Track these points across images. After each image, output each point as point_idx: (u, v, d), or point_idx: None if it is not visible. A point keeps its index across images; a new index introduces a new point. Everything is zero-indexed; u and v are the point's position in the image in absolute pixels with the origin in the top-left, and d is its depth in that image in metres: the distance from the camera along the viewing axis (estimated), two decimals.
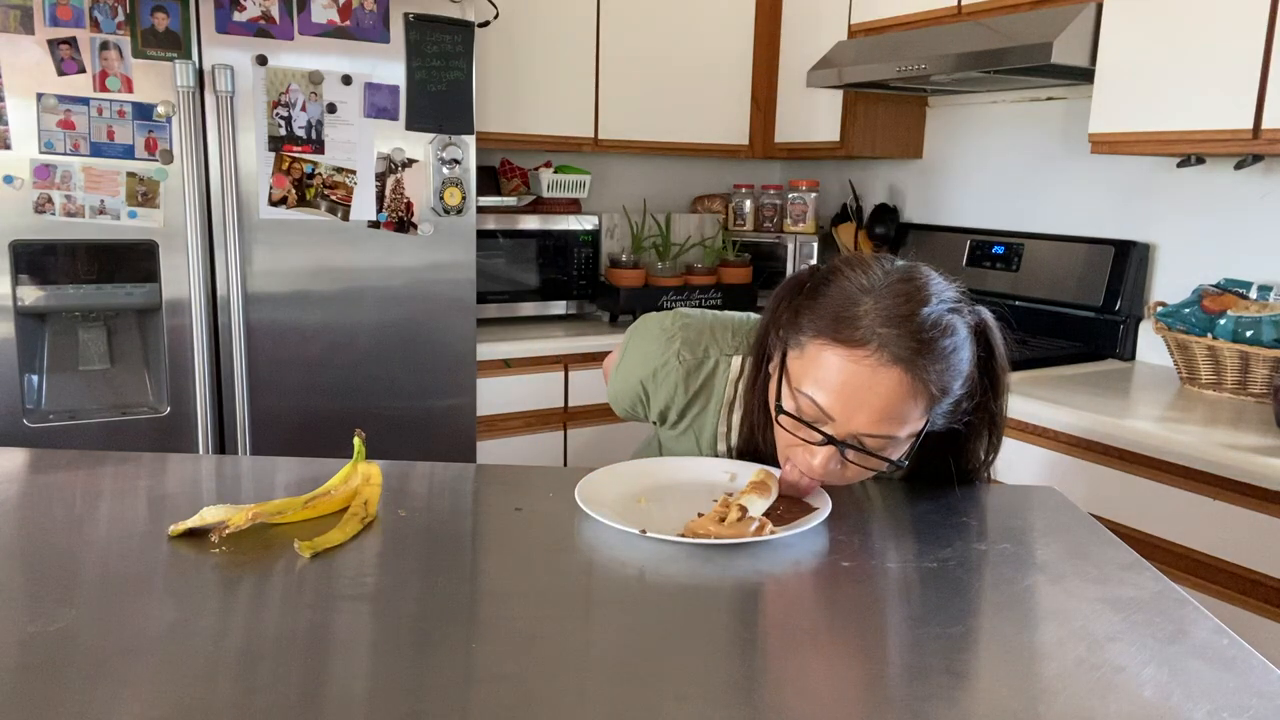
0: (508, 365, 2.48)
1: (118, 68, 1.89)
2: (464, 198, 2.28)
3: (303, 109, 2.06)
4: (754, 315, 1.30)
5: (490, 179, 2.93)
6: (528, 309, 2.81)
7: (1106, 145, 2.06)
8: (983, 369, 1.10)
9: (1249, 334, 1.90)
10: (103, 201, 1.92)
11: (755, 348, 1.17)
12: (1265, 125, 1.76)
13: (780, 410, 1.06)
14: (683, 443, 1.32)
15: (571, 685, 0.73)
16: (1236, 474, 1.56)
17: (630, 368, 1.29)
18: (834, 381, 1.00)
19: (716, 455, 1.28)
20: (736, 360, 1.24)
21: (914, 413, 1.01)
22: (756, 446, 1.21)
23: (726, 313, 1.32)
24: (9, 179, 1.85)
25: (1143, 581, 0.94)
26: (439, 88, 2.20)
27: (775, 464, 1.16)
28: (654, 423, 1.33)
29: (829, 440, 1.02)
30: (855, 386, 0.99)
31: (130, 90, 1.91)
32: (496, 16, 2.54)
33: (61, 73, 1.85)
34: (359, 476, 1.09)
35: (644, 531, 1.00)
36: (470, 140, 2.26)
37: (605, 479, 1.15)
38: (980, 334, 1.10)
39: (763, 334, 1.15)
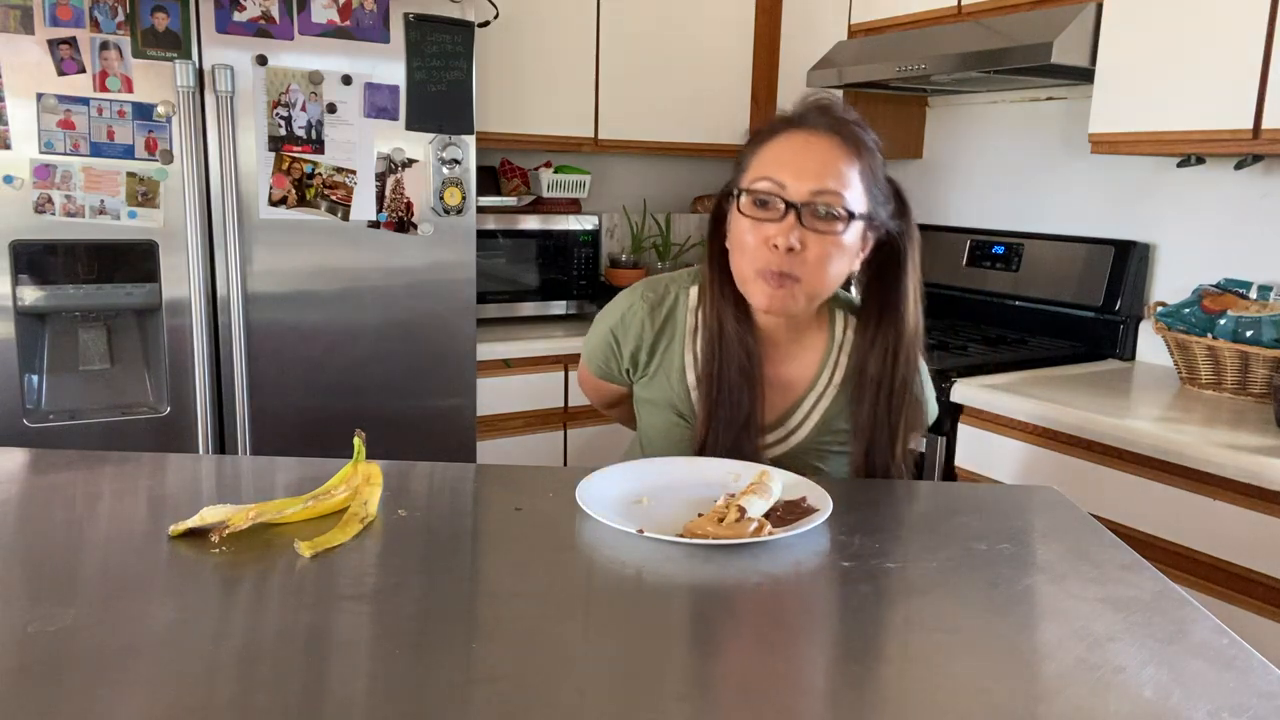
0: (508, 365, 2.48)
1: (118, 68, 1.89)
2: (464, 198, 2.28)
3: (303, 109, 2.06)
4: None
5: (490, 179, 2.93)
6: (528, 309, 2.81)
7: (1106, 145, 2.06)
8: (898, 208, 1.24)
9: (1249, 334, 1.90)
10: (103, 201, 1.92)
11: (711, 224, 1.27)
12: (1265, 125, 1.76)
13: (741, 202, 1.16)
14: (655, 388, 1.34)
15: (571, 685, 0.73)
16: (1236, 474, 1.56)
17: (600, 323, 1.37)
18: (779, 156, 1.15)
19: (687, 390, 1.31)
20: (694, 290, 1.31)
21: (852, 177, 1.16)
22: (718, 370, 1.25)
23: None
24: (9, 179, 1.85)
25: (1143, 581, 0.94)
26: (439, 88, 2.20)
27: (738, 387, 1.23)
28: (627, 372, 1.36)
29: (788, 207, 1.13)
30: (797, 151, 1.15)
31: (130, 90, 1.91)
32: (496, 16, 2.54)
33: (61, 73, 1.85)
34: (359, 476, 1.09)
35: (642, 531, 1.00)
36: (470, 140, 2.26)
37: (605, 479, 1.15)
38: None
39: (711, 228, 1.27)
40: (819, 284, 1.18)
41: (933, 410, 1.39)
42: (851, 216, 1.15)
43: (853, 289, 1.33)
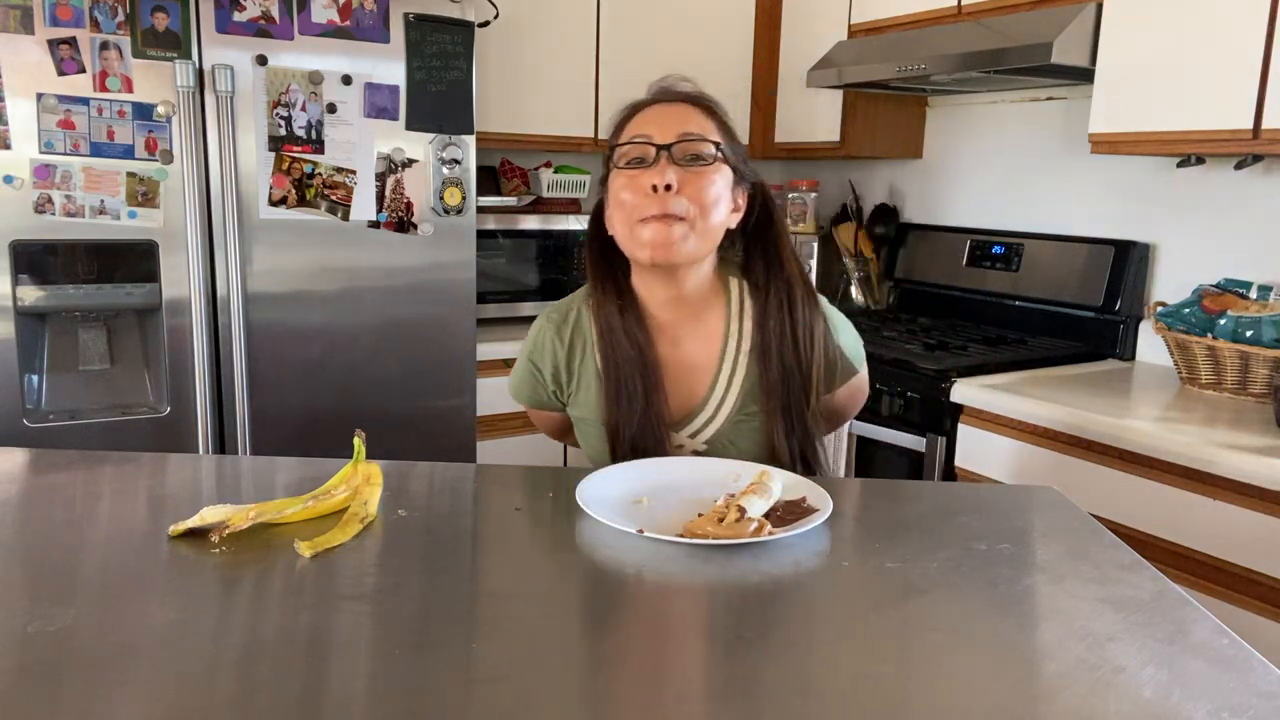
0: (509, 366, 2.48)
1: (118, 68, 1.89)
2: (464, 198, 2.28)
3: (303, 109, 2.06)
4: None
5: (490, 179, 2.93)
6: (528, 309, 2.81)
7: (1106, 145, 2.06)
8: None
9: (1249, 334, 1.90)
10: (103, 201, 1.92)
11: (591, 225, 1.33)
12: (1265, 125, 1.76)
13: (616, 165, 1.22)
14: (581, 404, 1.35)
15: (571, 685, 0.73)
16: (1236, 474, 1.56)
17: (520, 356, 1.39)
18: (641, 122, 1.22)
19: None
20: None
21: (713, 128, 1.23)
22: (614, 366, 1.27)
23: None
24: (9, 179, 1.85)
25: (1143, 581, 0.94)
26: (439, 88, 2.20)
27: (632, 378, 1.25)
28: (554, 394, 1.37)
29: (659, 150, 1.18)
30: (656, 114, 1.22)
31: (130, 90, 1.91)
32: (496, 16, 2.54)
33: (61, 73, 1.85)
34: (359, 476, 1.09)
35: (642, 531, 1.00)
36: (470, 140, 2.26)
37: (605, 479, 1.15)
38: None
39: (591, 225, 1.33)
40: (702, 220, 1.20)
41: (857, 354, 1.37)
42: (719, 152, 1.21)
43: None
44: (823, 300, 1.33)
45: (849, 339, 1.36)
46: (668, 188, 1.16)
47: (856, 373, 1.37)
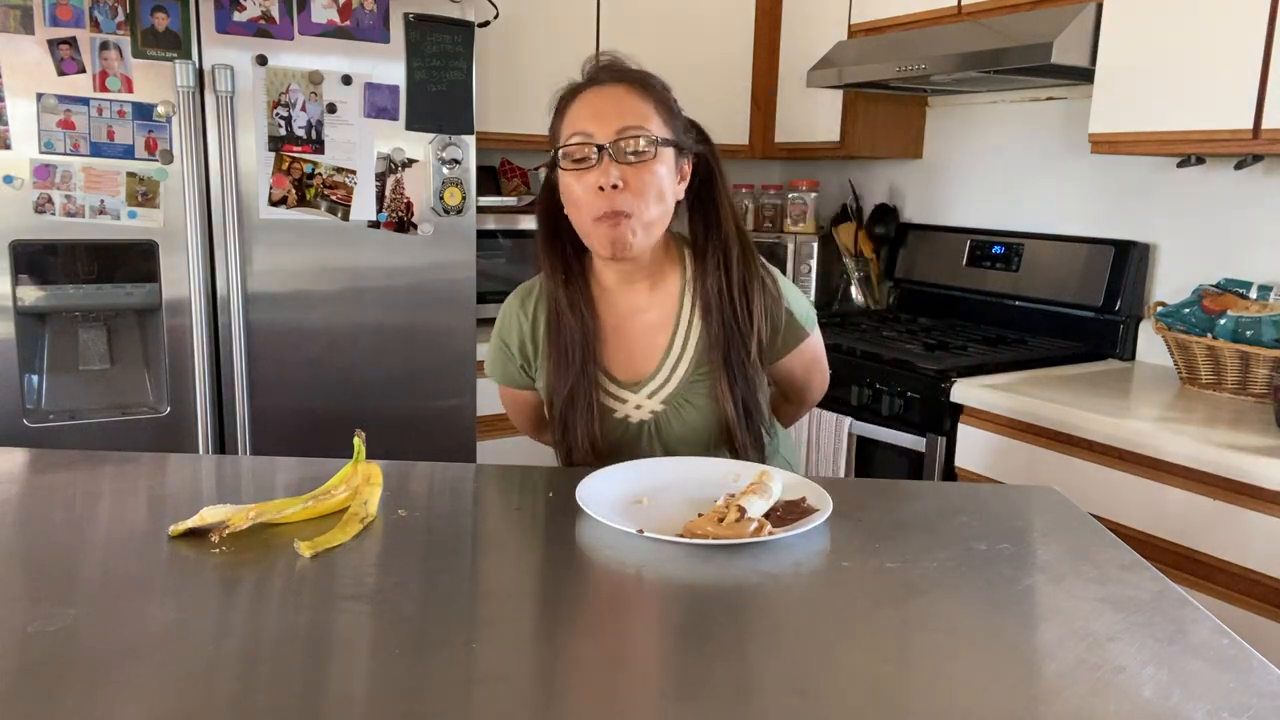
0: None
1: (118, 68, 1.89)
2: (464, 198, 2.28)
3: (303, 109, 2.06)
4: None
5: (490, 179, 2.93)
6: None
7: (1106, 145, 2.06)
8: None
9: (1249, 334, 1.90)
10: (103, 201, 1.92)
11: (541, 196, 1.37)
12: (1265, 125, 1.76)
13: (562, 166, 1.25)
14: (543, 377, 1.38)
15: (571, 685, 0.73)
16: (1236, 474, 1.56)
17: (492, 335, 1.44)
18: (580, 114, 1.24)
19: None
20: None
21: (650, 111, 1.24)
22: (556, 335, 1.32)
23: None
24: (9, 179, 1.85)
25: (1143, 581, 0.94)
26: (439, 88, 2.20)
27: (575, 345, 1.30)
28: (522, 369, 1.41)
29: (600, 150, 1.21)
30: (594, 104, 1.24)
31: (130, 90, 1.91)
32: (496, 16, 2.54)
33: (61, 73, 1.85)
34: (359, 476, 1.09)
35: (642, 531, 1.00)
36: (470, 140, 2.26)
37: (605, 479, 1.15)
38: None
39: (539, 202, 1.37)
40: (648, 213, 1.25)
41: (806, 316, 1.40)
42: (658, 143, 1.24)
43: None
44: (770, 266, 1.37)
45: (796, 300, 1.40)
46: (614, 187, 1.21)
47: (807, 335, 1.40)
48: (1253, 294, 2.03)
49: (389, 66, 2.14)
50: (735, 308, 1.30)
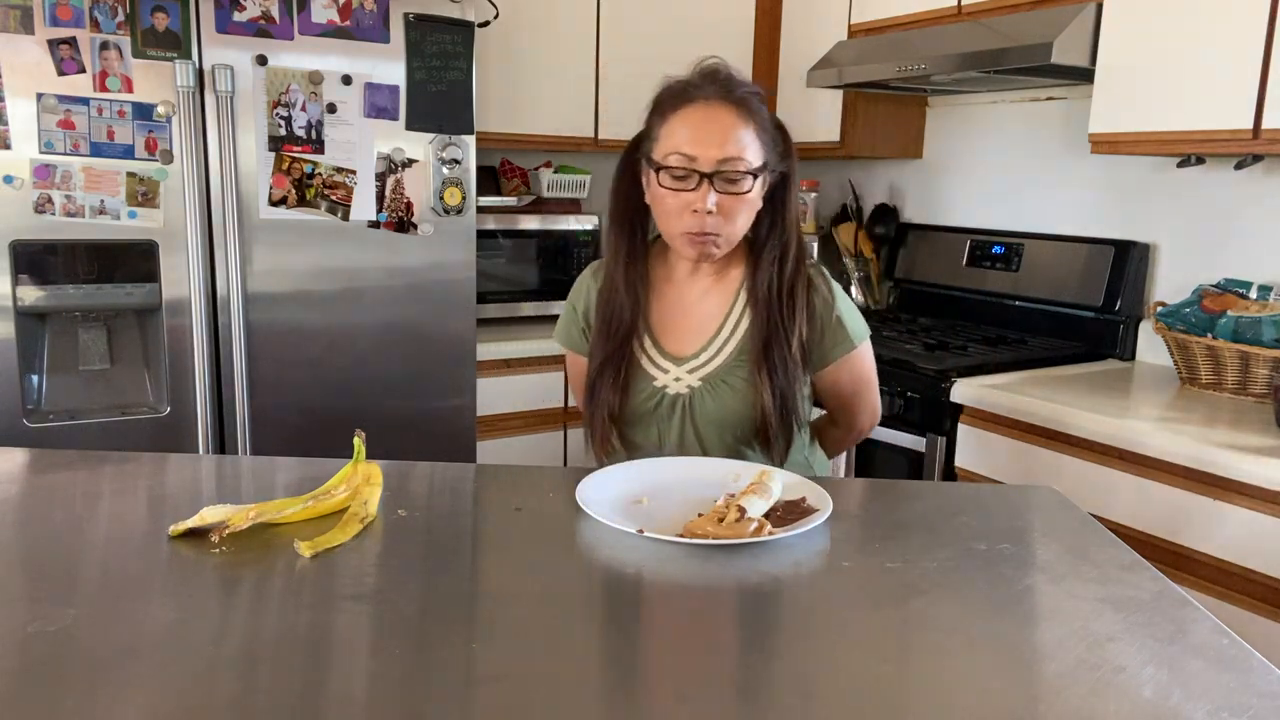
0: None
1: (118, 68, 1.89)
2: (464, 198, 2.28)
3: (303, 109, 2.06)
4: None
5: (490, 179, 2.93)
6: (528, 309, 2.81)
7: (1106, 145, 2.06)
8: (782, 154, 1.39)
9: (1249, 334, 1.90)
10: (103, 201, 1.92)
11: (618, 178, 1.44)
12: (1265, 125, 1.76)
13: (660, 178, 1.30)
14: None
15: (571, 685, 0.73)
16: (1236, 474, 1.56)
17: (565, 304, 1.55)
18: (687, 132, 1.29)
19: None
20: None
21: (751, 138, 1.30)
22: (607, 303, 1.41)
23: None
24: (9, 179, 1.85)
25: (1143, 581, 0.94)
26: (439, 88, 2.20)
27: (620, 320, 1.38)
28: (584, 333, 1.49)
29: (701, 177, 1.27)
30: (701, 124, 1.29)
31: (130, 90, 1.91)
32: (496, 16, 2.54)
33: (61, 73, 1.85)
34: (359, 476, 1.09)
35: (642, 531, 1.00)
36: (470, 140, 2.26)
37: (605, 479, 1.15)
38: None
39: (616, 183, 1.44)
40: (734, 234, 1.35)
41: (856, 329, 1.44)
42: (754, 174, 1.31)
43: None
44: (830, 277, 1.44)
45: (849, 311, 1.44)
46: (709, 212, 1.29)
47: (855, 347, 1.43)
48: (1253, 294, 2.03)
49: (389, 66, 2.14)
50: (781, 303, 1.37)
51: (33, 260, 1.90)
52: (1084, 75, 2.13)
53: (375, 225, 2.19)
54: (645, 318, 1.42)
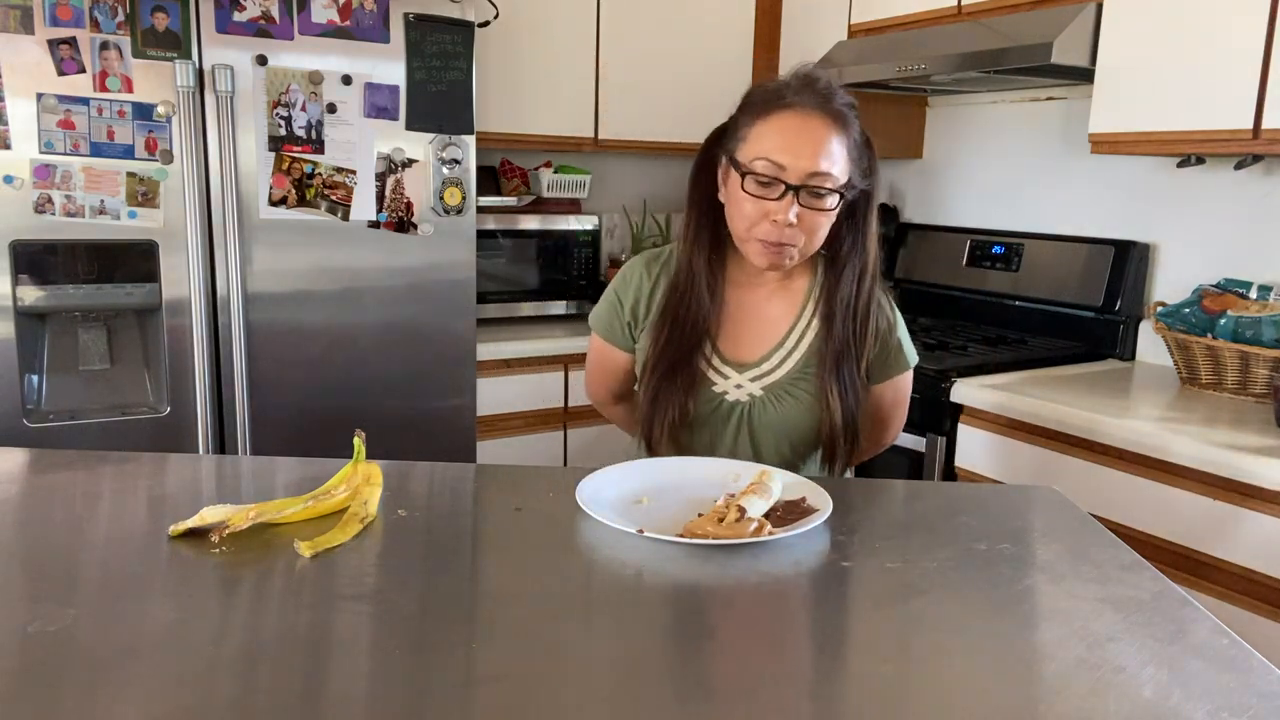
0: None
1: (118, 68, 1.89)
2: (464, 198, 2.28)
3: (303, 109, 2.06)
4: None
5: (490, 179, 2.93)
6: (528, 309, 2.81)
7: (1106, 145, 2.06)
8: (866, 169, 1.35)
9: (1249, 334, 1.90)
10: (103, 201, 1.92)
11: (696, 171, 1.39)
12: (1265, 125, 1.76)
13: (744, 182, 1.27)
14: (648, 332, 1.41)
15: (571, 685, 0.73)
16: (1236, 474, 1.56)
17: (606, 292, 1.47)
18: (778, 138, 1.25)
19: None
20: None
21: (842, 153, 1.26)
22: (677, 303, 1.36)
23: None
24: (9, 179, 1.85)
25: (1143, 582, 0.94)
26: (439, 88, 2.20)
27: (688, 321, 1.34)
28: (628, 327, 1.44)
29: (788, 189, 1.24)
30: (794, 132, 1.25)
31: (130, 90, 1.91)
32: (496, 16, 2.54)
33: (61, 73, 1.85)
34: (359, 476, 1.09)
35: (642, 531, 1.00)
36: (470, 140, 2.26)
37: (605, 479, 1.15)
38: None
39: (696, 174, 1.39)
40: (810, 248, 1.32)
41: (910, 354, 1.46)
42: (840, 193, 1.28)
43: None
44: (891, 298, 1.44)
45: (905, 336, 1.45)
46: (790, 224, 1.26)
47: (906, 369, 1.45)
48: (1253, 294, 2.03)
49: (389, 66, 2.14)
50: (856, 322, 1.36)
51: (33, 260, 1.90)
52: (1084, 75, 2.14)
53: (375, 225, 2.19)
54: (717, 315, 1.38)
